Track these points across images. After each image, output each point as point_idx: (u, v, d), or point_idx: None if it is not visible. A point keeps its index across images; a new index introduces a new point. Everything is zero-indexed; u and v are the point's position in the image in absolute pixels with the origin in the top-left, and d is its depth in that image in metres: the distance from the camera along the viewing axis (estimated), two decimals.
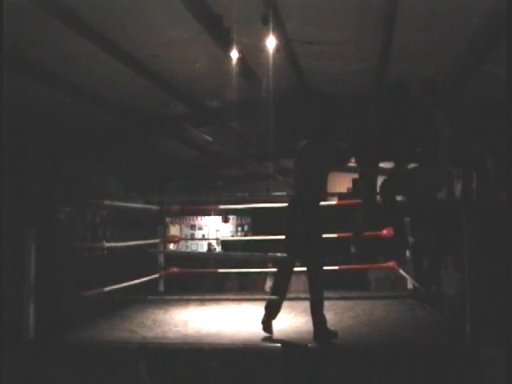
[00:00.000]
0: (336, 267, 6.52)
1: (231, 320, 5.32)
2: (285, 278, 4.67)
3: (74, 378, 4.11)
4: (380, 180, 4.75)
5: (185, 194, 11.44)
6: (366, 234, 5.88)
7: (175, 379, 4.05)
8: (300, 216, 4.49)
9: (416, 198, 4.91)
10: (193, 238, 12.08)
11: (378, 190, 4.72)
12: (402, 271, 6.46)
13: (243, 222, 12.28)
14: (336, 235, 6.53)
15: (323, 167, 4.67)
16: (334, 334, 4.35)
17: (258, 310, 5.05)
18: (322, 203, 4.91)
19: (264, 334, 4.49)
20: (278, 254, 4.94)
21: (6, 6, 3.61)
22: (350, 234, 5.92)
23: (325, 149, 4.61)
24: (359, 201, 5.52)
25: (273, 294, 4.73)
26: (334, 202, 6.48)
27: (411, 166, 4.80)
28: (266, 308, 4.64)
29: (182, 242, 11.72)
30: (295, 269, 4.78)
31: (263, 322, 4.57)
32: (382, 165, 4.94)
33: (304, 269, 4.59)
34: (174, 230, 11.95)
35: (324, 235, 4.72)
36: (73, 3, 4.18)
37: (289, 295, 4.79)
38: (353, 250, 8.45)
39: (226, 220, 12.19)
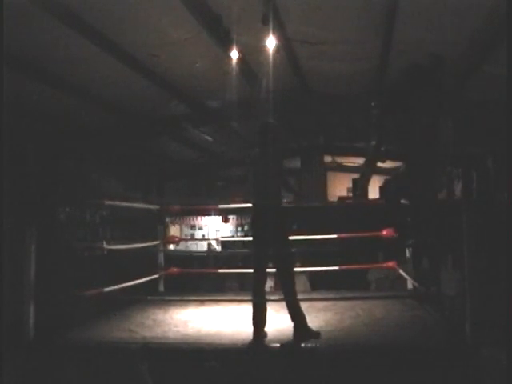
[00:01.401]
0: (336, 267, 6.52)
1: (231, 320, 5.31)
2: (261, 279, 4.64)
3: (74, 378, 4.11)
4: (381, 180, 4.76)
5: (185, 194, 11.43)
6: (366, 234, 5.88)
7: (175, 379, 4.05)
8: (272, 219, 4.53)
9: (417, 197, 4.91)
10: (193, 238, 12.06)
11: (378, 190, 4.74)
12: (401, 271, 6.46)
13: (243, 221, 12.25)
14: (336, 236, 6.57)
15: (280, 171, 4.77)
16: (316, 333, 4.40)
17: None
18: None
19: (263, 335, 4.49)
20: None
21: (6, 6, 3.62)
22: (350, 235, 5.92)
23: (278, 153, 4.71)
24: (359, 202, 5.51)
25: (253, 298, 4.62)
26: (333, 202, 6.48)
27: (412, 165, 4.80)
28: (254, 324, 4.47)
29: (181, 242, 11.70)
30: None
31: (255, 337, 4.39)
32: (381, 165, 4.96)
33: (302, 269, 4.60)
34: (173, 230, 11.93)
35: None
36: (73, 3, 4.19)
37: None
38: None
39: (226, 220, 12.16)
